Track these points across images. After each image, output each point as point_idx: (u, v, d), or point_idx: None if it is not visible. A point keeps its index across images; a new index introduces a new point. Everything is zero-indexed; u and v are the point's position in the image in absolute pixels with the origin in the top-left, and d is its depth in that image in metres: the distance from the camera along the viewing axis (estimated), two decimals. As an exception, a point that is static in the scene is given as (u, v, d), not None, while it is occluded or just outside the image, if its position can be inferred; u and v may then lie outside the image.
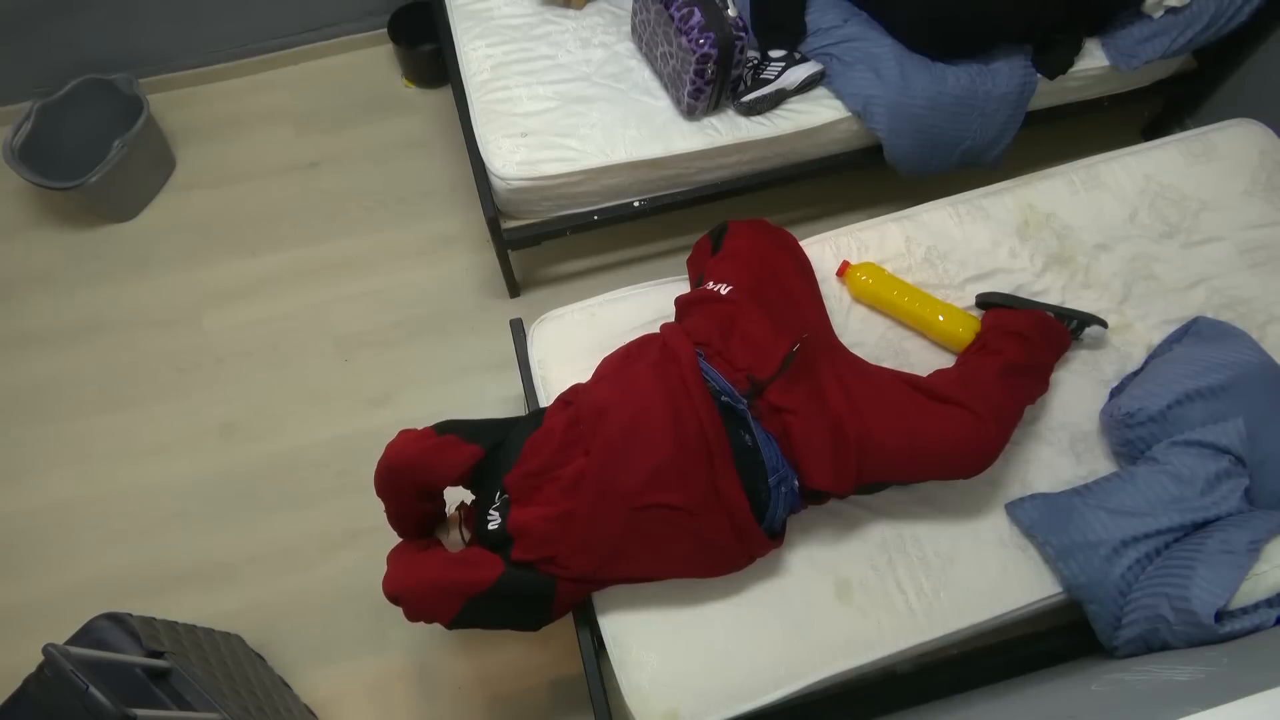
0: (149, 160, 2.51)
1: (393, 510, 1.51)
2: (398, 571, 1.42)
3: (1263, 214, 1.95)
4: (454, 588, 1.37)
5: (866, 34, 2.07)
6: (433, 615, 1.39)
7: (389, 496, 1.48)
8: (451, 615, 1.38)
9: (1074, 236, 1.92)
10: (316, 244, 2.50)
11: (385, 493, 1.48)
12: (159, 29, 2.53)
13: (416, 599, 1.38)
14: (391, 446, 1.45)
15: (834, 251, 1.89)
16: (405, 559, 1.47)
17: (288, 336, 2.37)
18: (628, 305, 1.84)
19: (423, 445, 1.45)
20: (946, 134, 2.10)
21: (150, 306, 2.41)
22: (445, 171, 2.59)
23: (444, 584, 1.38)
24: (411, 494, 1.47)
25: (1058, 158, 2.07)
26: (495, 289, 2.42)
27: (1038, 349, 1.66)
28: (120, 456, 2.23)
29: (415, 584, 1.38)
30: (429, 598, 1.38)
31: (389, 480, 1.45)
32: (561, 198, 2.09)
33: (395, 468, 1.43)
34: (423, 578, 1.39)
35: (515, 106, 2.05)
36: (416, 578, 1.39)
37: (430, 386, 2.31)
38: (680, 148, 2.03)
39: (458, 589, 1.37)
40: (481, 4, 2.19)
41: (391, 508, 1.50)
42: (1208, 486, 1.51)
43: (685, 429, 1.42)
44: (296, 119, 2.68)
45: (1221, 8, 2.11)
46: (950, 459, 1.49)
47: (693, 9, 1.87)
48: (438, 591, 1.37)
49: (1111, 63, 2.16)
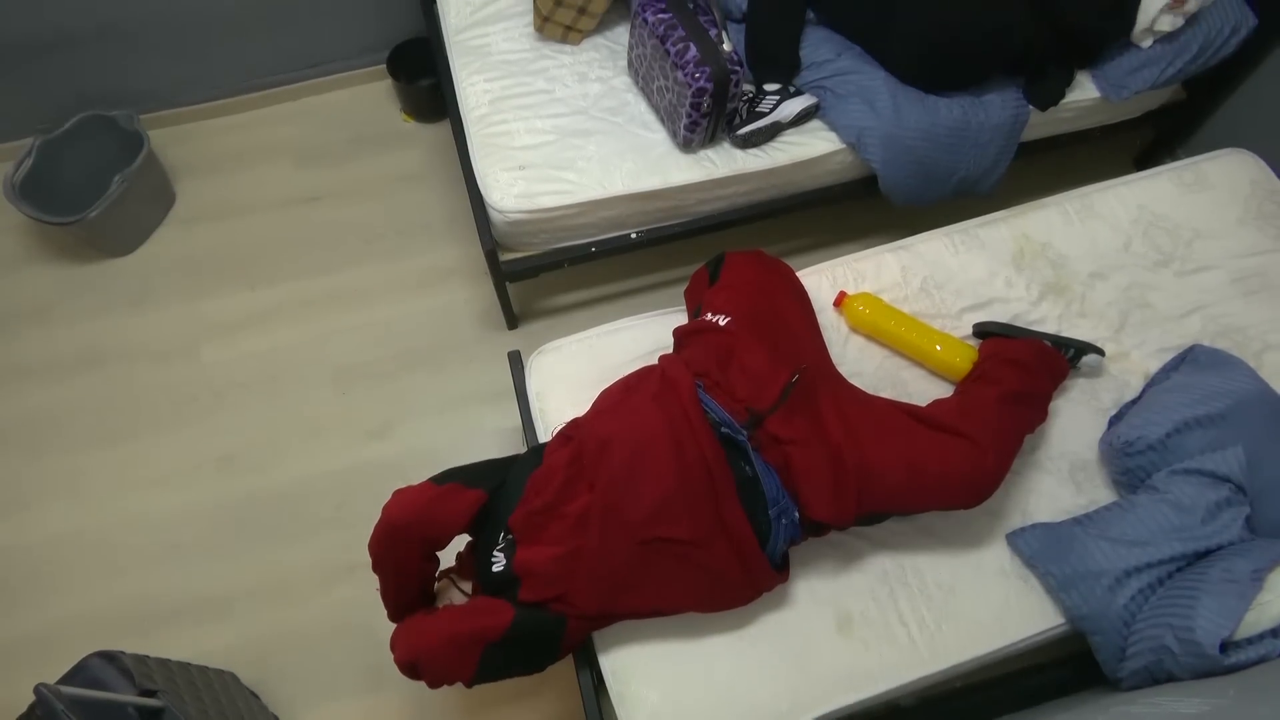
0: (149, 195, 2.53)
1: (390, 580, 1.44)
2: (409, 638, 1.38)
3: (1255, 242, 1.96)
4: (469, 637, 1.34)
5: (860, 68, 2.10)
6: (453, 674, 1.35)
7: (388, 561, 1.42)
8: (472, 670, 1.34)
9: (1069, 266, 1.93)
10: (315, 277, 2.50)
11: (385, 556, 1.42)
12: (160, 65, 2.56)
13: (434, 659, 1.34)
14: (390, 506, 1.41)
15: (830, 282, 1.90)
16: (412, 624, 1.41)
17: (286, 369, 2.37)
18: (626, 336, 1.84)
19: (426, 497, 1.41)
20: (940, 165, 2.12)
21: (148, 340, 2.41)
22: (443, 204, 2.60)
23: (459, 636, 1.34)
24: (416, 553, 1.41)
25: (1051, 187, 2.09)
26: (493, 321, 2.43)
27: (1036, 377, 1.66)
28: (116, 490, 2.22)
29: (431, 643, 1.34)
30: (446, 654, 1.34)
31: (392, 541, 1.40)
32: (559, 230, 2.10)
33: (399, 525, 1.39)
34: (438, 634, 1.35)
35: (513, 140, 2.07)
36: (430, 637, 1.35)
37: (428, 418, 2.31)
38: (677, 180, 2.04)
39: (473, 637, 1.34)
40: (480, 40, 2.21)
41: (389, 577, 1.44)
42: (1209, 515, 1.51)
43: (688, 460, 1.41)
44: (296, 153, 2.70)
45: (1209, 39, 2.14)
46: (950, 489, 1.49)
47: (688, 44, 1.89)
48: (454, 645, 1.34)
49: (1102, 94, 2.19)
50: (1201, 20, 2.13)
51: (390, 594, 1.47)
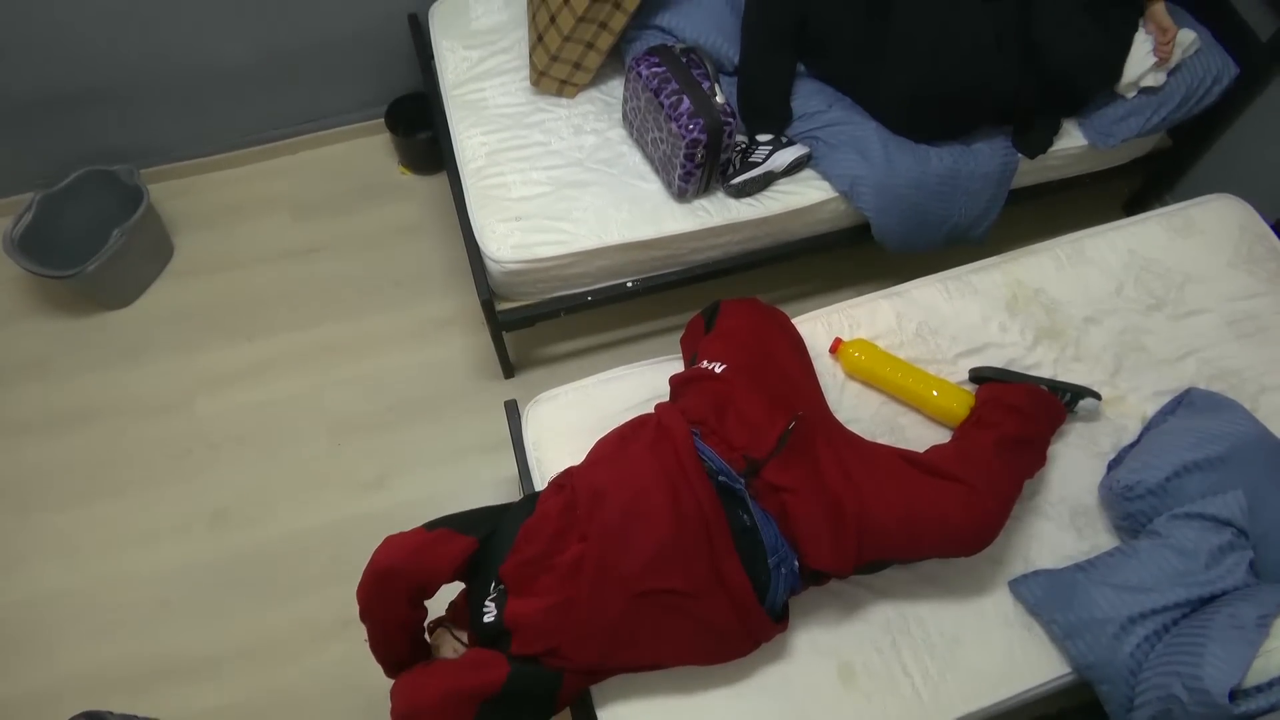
0: (147, 248, 2.54)
1: (379, 628, 1.42)
2: (406, 692, 1.35)
3: (1246, 286, 1.98)
4: (465, 694, 1.31)
5: (850, 118, 2.13)
6: None
7: (377, 608, 1.40)
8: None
9: (1063, 310, 1.94)
10: (312, 328, 2.51)
11: (373, 603, 1.40)
12: (161, 121, 2.59)
13: (429, 716, 1.31)
14: (379, 553, 1.39)
15: (826, 328, 1.90)
16: (410, 678, 1.39)
17: (281, 421, 2.36)
18: (622, 385, 1.84)
19: (415, 543, 1.39)
20: (932, 212, 2.15)
21: (143, 393, 2.41)
22: (440, 256, 2.62)
23: (455, 693, 1.31)
24: (404, 600, 1.39)
25: (1043, 233, 2.11)
26: (490, 371, 2.43)
27: (1032, 422, 1.66)
28: (107, 546, 2.19)
29: (427, 700, 1.31)
30: (443, 712, 1.31)
31: (379, 588, 1.38)
32: (555, 279, 2.11)
33: (387, 570, 1.37)
34: (434, 690, 1.32)
35: (509, 191, 2.09)
36: (427, 693, 1.32)
37: (424, 470, 2.29)
38: (672, 229, 2.06)
39: (470, 694, 1.31)
40: (476, 95, 2.25)
41: (378, 625, 1.42)
42: (1212, 560, 1.50)
43: (684, 510, 1.40)
44: (294, 206, 2.73)
45: (1192, 89, 2.18)
46: (950, 535, 1.48)
47: (682, 96, 1.93)
48: (450, 702, 1.31)
49: (1089, 142, 2.22)
50: (1184, 70, 2.17)
51: (378, 645, 1.45)
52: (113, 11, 2.25)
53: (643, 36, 2.19)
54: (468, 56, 2.31)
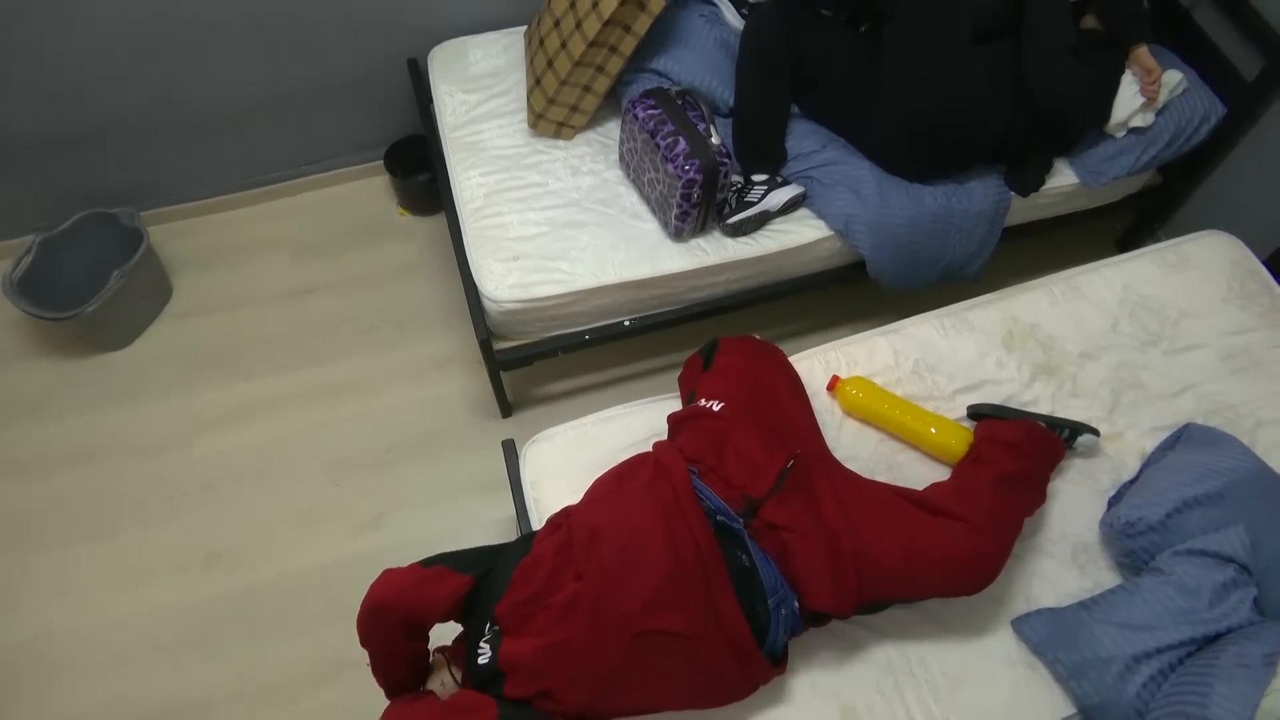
0: (146, 289, 2.55)
1: (378, 657, 1.41)
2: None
3: (1240, 321, 1.99)
4: None
5: (845, 158, 2.16)
6: None
7: (374, 639, 1.39)
8: None
9: (1059, 346, 1.95)
10: (309, 368, 2.51)
11: (370, 635, 1.38)
12: (162, 163, 2.61)
13: None
14: (375, 585, 1.38)
15: (823, 366, 1.91)
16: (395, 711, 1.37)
17: (278, 461, 2.35)
18: (620, 424, 1.83)
19: (410, 579, 1.38)
20: (927, 250, 2.17)
21: (140, 434, 2.40)
22: (439, 296, 2.63)
23: None
24: (399, 634, 1.37)
25: (1037, 270, 2.12)
26: (488, 410, 2.42)
27: (1031, 459, 1.66)
28: (101, 588, 2.17)
29: None
30: None
31: (375, 621, 1.37)
32: (553, 319, 2.12)
33: (380, 605, 1.36)
34: None
35: (507, 232, 2.11)
36: None
37: (421, 509, 2.28)
38: (669, 268, 2.08)
39: None
40: (475, 137, 2.28)
41: (377, 654, 1.40)
42: (1215, 597, 1.48)
43: (681, 549, 1.38)
44: (293, 247, 2.74)
45: (1180, 128, 2.21)
46: (950, 573, 1.46)
47: (678, 137, 1.95)
48: None
49: (1081, 180, 2.25)
50: (1172, 110, 2.21)
51: (378, 670, 1.44)
52: (114, 56, 2.28)
53: (638, 79, 2.22)
54: (466, 100, 2.34)
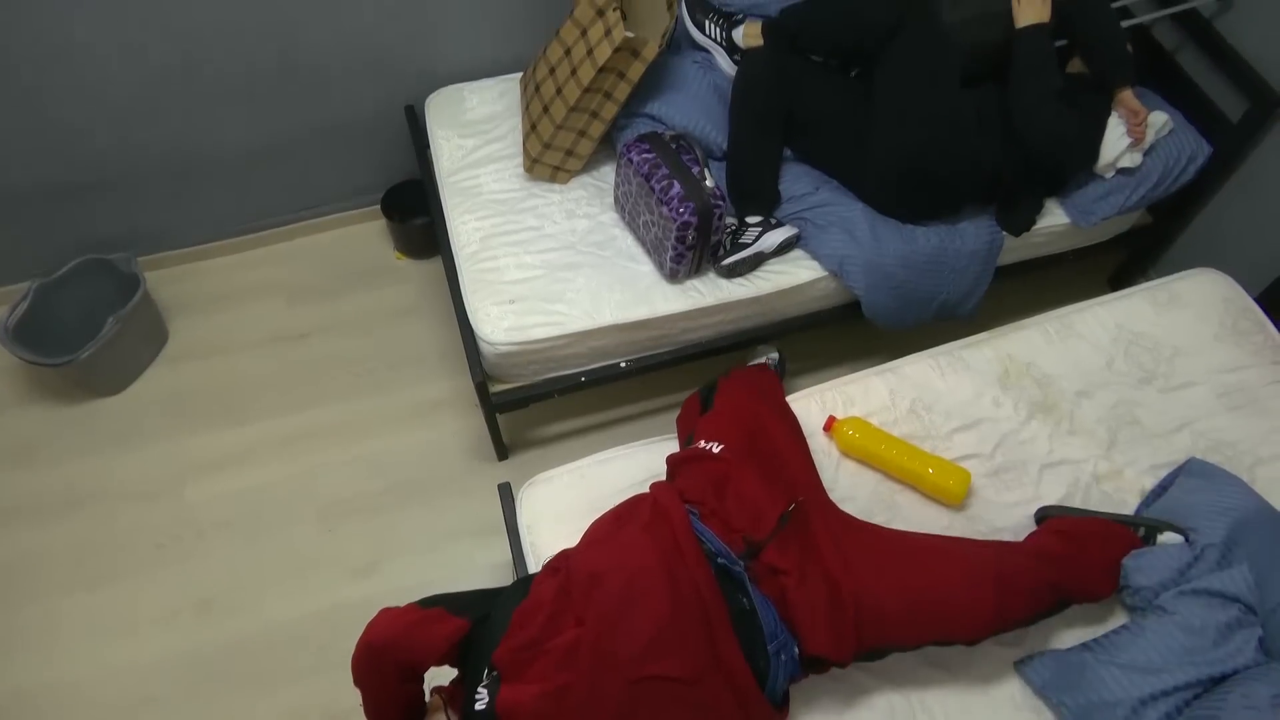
0: (141, 334, 2.55)
1: (372, 699, 1.39)
2: None
3: (1234, 358, 1.99)
4: None
5: (838, 199, 2.18)
6: None
7: (368, 680, 1.37)
8: None
9: (1055, 384, 1.95)
10: (305, 412, 2.50)
11: (365, 676, 1.37)
12: (159, 209, 2.63)
13: None
14: (372, 625, 1.37)
15: (819, 406, 1.90)
16: None
17: (271, 506, 2.33)
18: (617, 466, 1.82)
19: (408, 620, 1.37)
20: (921, 290, 2.18)
21: (132, 480, 2.38)
22: (435, 338, 2.63)
23: None
24: (394, 676, 1.36)
25: (1031, 308, 2.13)
26: (484, 453, 2.41)
27: (1078, 542, 1.61)
28: (90, 638, 2.13)
29: None
30: None
31: (369, 661, 1.36)
32: (549, 361, 2.12)
33: (377, 646, 1.35)
34: None
35: (503, 275, 2.12)
36: None
37: (417, 555, 2.25)
38: (664, 309, 2.08)
39: None
40: (471, 181, 2.30)
41: (370, 695, 1.39)
42: (1220, 637, 1.47)
43: (682, 592, 1.37)
44: (290, 291, 2.75)
45: (1168, 168, 2.24)
46: (949, 619, 1.45)
47: (672, 181, 1.97)
48: None
49: (1071, 220, 2.27)
50: (1159, 151, 2.24)
51: (372, 713, 1.41)
52: (111, 104, 2.30)
53: (633, 124, 2.25)
54: (462, 145, 2.37)
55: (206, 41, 2.25)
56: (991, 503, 1.79)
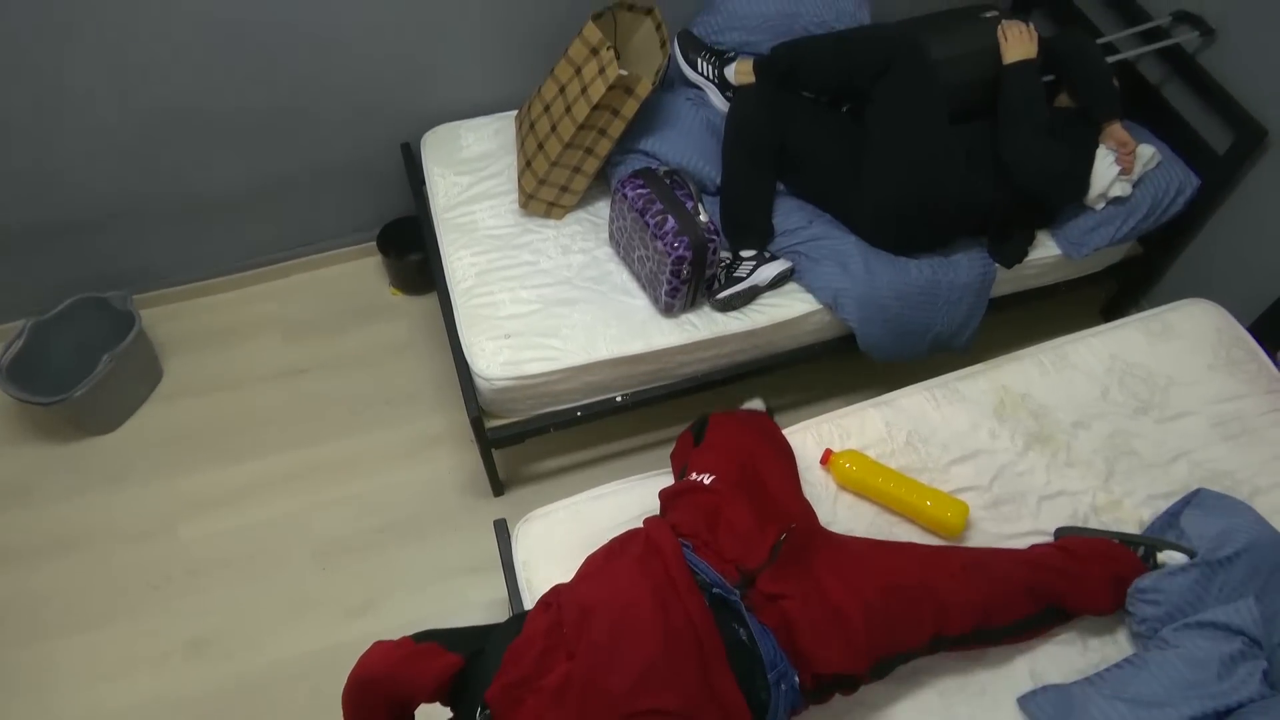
0: (136, 372, 2.55)
1: None
2: None
3: (1229, 388, 2.00)
4: None
5: (831, 233, 2.20)
6: None
7: (358, 715, 1.35)
8: None
9: (1051, 415, 1.95)
10: (299, 449, 2.49)
11: (354, 710, 1.35)
12: (155, 248, 2.64)
13: None
14: (364, 658, 1.35)
15: (816, 439, 1.90)
16: None
17: (266, 545, 2.31)
18: (612, 501, 1.81)
19: (399, 654, 1.35)
20: (915, 322, 2.19)
21: (125, 520, 2.36)
22: (430, 374, 2.63)
23: None
24: (384, 711, 1.34)
25: (1025, 340, 2.14)
26: (479, 488, 2.40)
27: (1077, 556, 1.64)
28: (80, 681, 2.10)
29: None
30: None
31: (360, 694, 1.33)
32: (544, 395, 2.12)
33: (368, 680, 1.32)
34: None
35: (499, 310, 2.12)
36: None
37: (412, 592, 2.23)
38: (660, 343, 2.09)
39: None
40: (466, 218, 2.31)
41: None
42: (1224, 670, 1.45)
43: (674, 625, 1.35)
44: (285, 328, 2.75)
45: (1157, 200, 2.27)
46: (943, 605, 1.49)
47: (667, 216, 1.98)
48: None
49: (1063, 252, 2.29)
50: (1148, 183, 2.26)
51: None
52: (108, 146, 2.32)
53: (627, 160, 2.27)
54: (458, 182, 2.39)
55: (202, 87, 2.28)
56: (990, 535, 1.78)
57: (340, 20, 2.25)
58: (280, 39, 2.24)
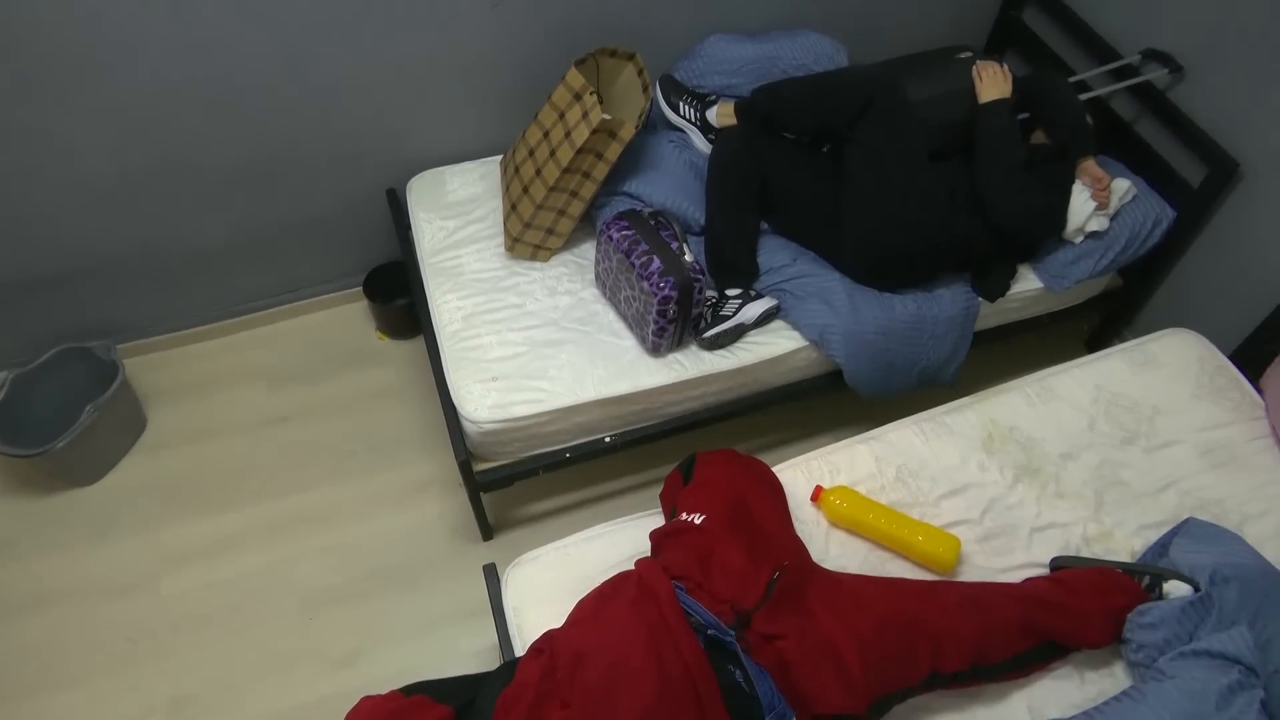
0: (119, 423, 2.52)
1: None
2: None
3: (1214, 416, 2.01)
4: None
5: (815, 270, 2.22)
6: None
7: None
8: None
9: (1039, 447, 1.95)
10: (285, 498, 2.46)
11: None
12: (139, 298, 2.63)
13: None
14: (353, 714, 1.33)
15: (806, 476, 1.89)
16: None
17: (250, 597, 2.27)
18: (603, 543, 1.80)
19: (388, 709, 1.33)
20: (901, 357, 2.20)
21: (106, 574, 2.31)
22: (417, 418, 2.62)
23: None
24: None
25: (1010, 373, 2.15)
26: (468, 533, 2.37)
27: (1072, 589, 1.62)
28: (58, 743, 2.04)
29: None
30: None
31: None
32: (533, 437, 2.11)
33: None
34: None
35: (486, 353, 2.12)
36: None
37: (400, 642, 2.19)
38: (648, 383, 2.09)
39: None
40: (452, 261, 2.32)
41: None
42: (1223, 700, 1.43)
43: (669, 669, 1.33)
44: (271, 376, 2.73)
45: (1135, 232, 2.30)
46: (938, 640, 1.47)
47: (652, 256, 2.00)
48: None
49: (1044, 284, 2.31)
50: (1125, 216, 2.30)
51: None
52: (91, 199, 2.32)
53: (612, 202, 2.29)
54: (444, 226, 2.40)
55: (187, 139, 2.29)
56: (983, 569, 1.77)
57: (324, 71, 2.27)
58: (264, 91, 2.26)
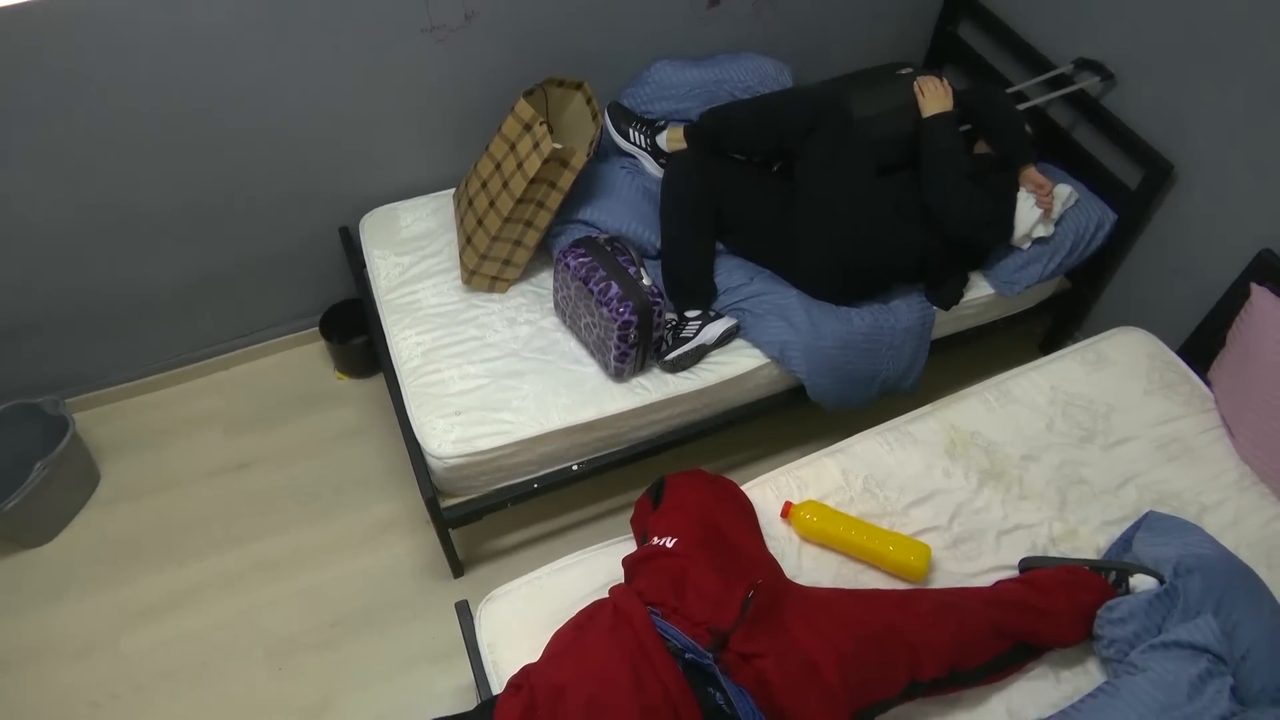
0: (71, 479, 2.45)
1: None
2: None
3: (1166, 410, 2.06)
4: None
5: (772, 288, 2.24)
6: None
7: None
8: None
9: (1001, 451, 1.98)
10: (247, 545, 2.40)
11: None
12: (89, 350, 2.57)
13: None
14: None
15: (775, 492, 1.90)
16: None
17: (215, 650, 2.20)
18: (576, 573, 1.78)
19: None
20: (861, 369, 2.22)
21: (63, 636, 2.23)
22: (381, 458, 2.58)
23: None
24: None
25: (969, 379, 2.19)
26: (438, 571, 2.33)
27: (1041, 590, 1.64)
28: (17, 818, 1.96)
29: None
30: None
31: None
32: (499, 470, 2.09)
33: None
34: None
35: (447, 387, 2.10)
36: None
37: (373, 687, 2.14)
38: (612, 409, 2.08)
39: None
40: (409, 297, 2.30)
41: None
42: (1193, 690, 1.46)
43: (650, 697, 1.32)
44: (227, 422, 2.68)
45: (1079, 236, 2.36)
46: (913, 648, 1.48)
47: (610, 282, 2.00)
48: None
49: (996, 290, 2.36)
50: (1069, 220, 2.36)
51: None
52: (35, 249, 2.26)
53: (568, 230, 2.30)
54: (399, 262, 2.38)
55: (132, 182, 2.24)
56: (954, 574, 1.78)
57: (270, 110, 2.25)
58: (210, 132, 2.23)
